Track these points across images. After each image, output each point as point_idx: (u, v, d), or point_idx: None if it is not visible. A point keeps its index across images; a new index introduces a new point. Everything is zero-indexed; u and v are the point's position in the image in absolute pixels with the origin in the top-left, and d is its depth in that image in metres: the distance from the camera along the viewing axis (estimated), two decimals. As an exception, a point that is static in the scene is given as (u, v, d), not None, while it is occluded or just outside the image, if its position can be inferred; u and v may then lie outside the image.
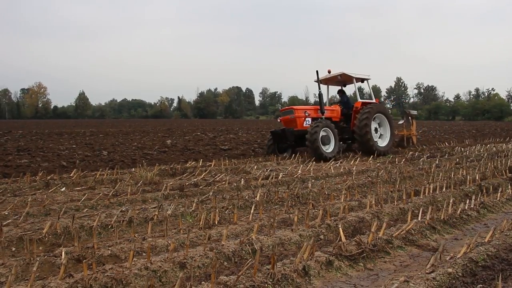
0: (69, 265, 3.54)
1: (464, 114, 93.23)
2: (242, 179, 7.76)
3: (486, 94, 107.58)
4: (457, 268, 3.28)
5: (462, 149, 14.62)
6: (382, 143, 13.17)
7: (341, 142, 13.31)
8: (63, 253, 3.55)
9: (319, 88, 12.77)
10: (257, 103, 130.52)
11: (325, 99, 13.91)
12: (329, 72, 13.13)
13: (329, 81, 13.98)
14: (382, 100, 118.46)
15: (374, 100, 13.64)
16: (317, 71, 12.74)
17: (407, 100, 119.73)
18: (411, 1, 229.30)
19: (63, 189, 7.10)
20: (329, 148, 11.62)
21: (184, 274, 3.30)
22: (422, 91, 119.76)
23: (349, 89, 15.28)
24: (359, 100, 13.28)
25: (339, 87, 14.54)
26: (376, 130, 13.04)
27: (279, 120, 13.40)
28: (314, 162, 10.61)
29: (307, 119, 12.46)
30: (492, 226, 4.43)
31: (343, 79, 13.60)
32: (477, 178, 7.66)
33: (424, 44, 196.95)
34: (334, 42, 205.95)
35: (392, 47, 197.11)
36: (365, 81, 13.84)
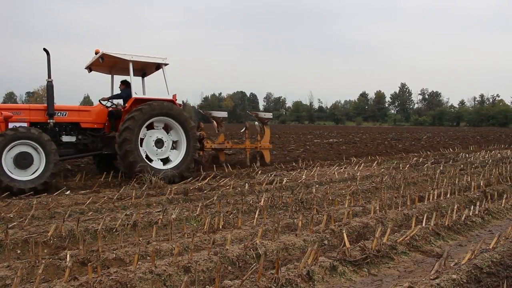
0: (74, 268, 3.56)
1: (468, 120, 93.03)
2: (246, 184, 7.77)
3: (490, 100, 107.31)
4: (462, 275, 3.28)
5: (467, 155, 14.57)
6: (172, 162, 8.92)
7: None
8: (68, 256, 3.58)
9: (49, 76, 8.21)
10: (261, 108, 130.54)
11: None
12: (96, 53, 8.93)
13: (106, 68, 9.79)
14: (386, 106, 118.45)
15: (169, 96, 9.22)
16: (45, 49, 8.15)
17: (411, 106, 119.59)
18: (415, 6, 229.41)
19: (68, 192, 7.14)
20: (32, 174, 7.36)
21: (189, 278, 3.30)
22: (427, 97, 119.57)
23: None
24: (134, 96, 8.88)
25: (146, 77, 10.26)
26: (160, 142, 8.87)
27: None
28: (318, 168, 10.61)
29: (12, 124, 7.79)
30: (497, 233, 4.42)
31: (114, 64, 9.37)
32: (481, 184, 7.64)
33: (428, 50, 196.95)
34: (337, 47, 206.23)
35: (397, 53, 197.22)
36: (162, 69, 9.35)
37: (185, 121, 8.99)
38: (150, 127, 8.83)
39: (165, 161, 8.96)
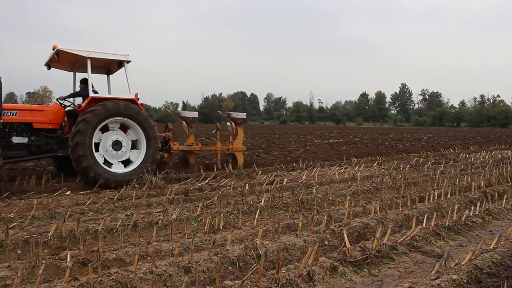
0: (75, 268, 3.56)
1: (469, 121, 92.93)
2: (247, 184, 7.77)
3: (491, 100, 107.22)
4: (462, 275, 3.28)
5: (467, 155, 14.56)
6: (134, 162, 8.44)
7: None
8: (68, 256, 3.58)
9: None
10: (261, 108, 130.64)
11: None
12: (53, 49, 8.22)
13: (66, 65, 9.28)
14: (387, 106, 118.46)
15: (130, 95, 8.68)
16: None
17: (412, 106, 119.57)
18: (416, 6, 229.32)
19: (68, 192, 7.14)
20: None
21: (189, 278, 3.31)
22: (427, 97, 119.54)
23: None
24: (91, 94, 8.36)
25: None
26: (118, 145, 8.37)
27: None
28: (318, 168, 10.61)
29: None
30: (498, 233, 4.42)
31: (75, 61, 8.83)
32: (482, 184, 7.64)
33: (428, 50, 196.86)
34: (338, 47, 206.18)
35: (397, 53, 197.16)
36: (124, 67, 8.81)
37: (144, 120, 8.48)
38: (105, 129, 8.30)
39: (127, 162, 8.49)
